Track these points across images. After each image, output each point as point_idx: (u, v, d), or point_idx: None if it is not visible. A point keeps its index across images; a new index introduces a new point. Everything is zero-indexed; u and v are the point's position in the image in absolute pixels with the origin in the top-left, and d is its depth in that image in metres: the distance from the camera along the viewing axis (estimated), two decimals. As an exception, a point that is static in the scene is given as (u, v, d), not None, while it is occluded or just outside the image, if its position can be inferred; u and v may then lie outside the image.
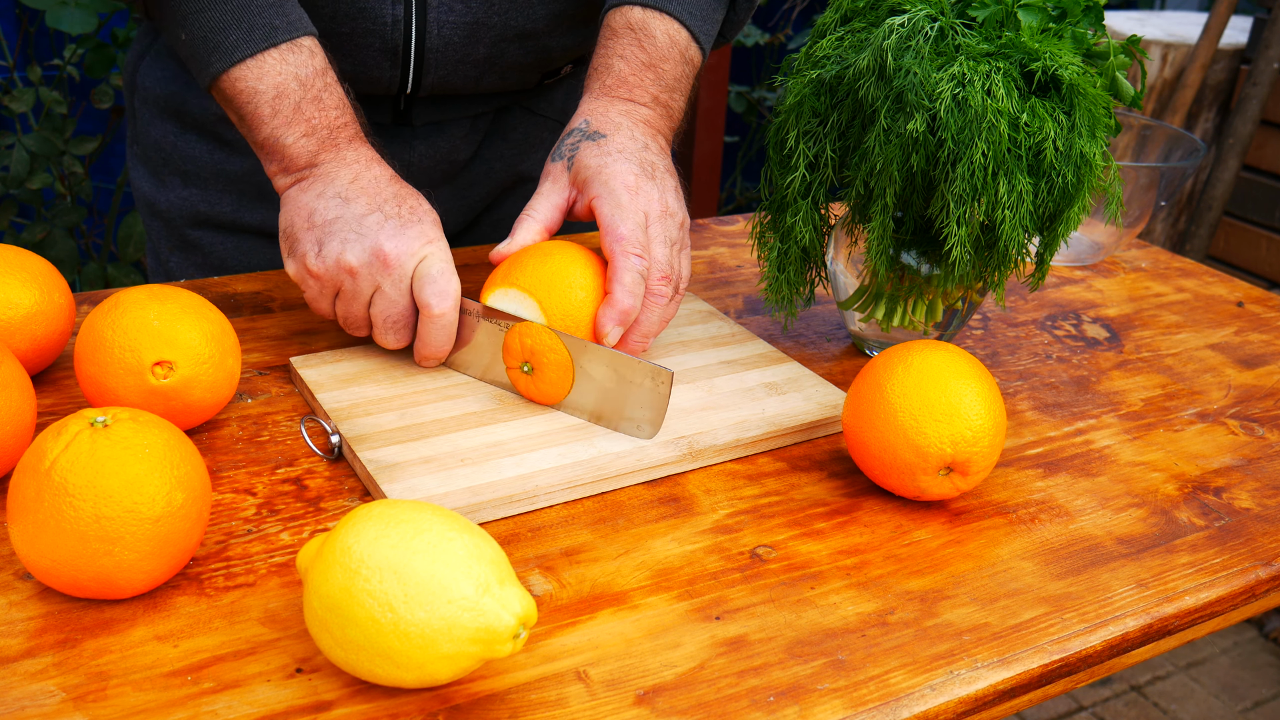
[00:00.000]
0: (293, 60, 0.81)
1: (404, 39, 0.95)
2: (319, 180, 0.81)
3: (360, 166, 0.82)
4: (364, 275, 0.78)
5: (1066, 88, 0.77)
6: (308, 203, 0.80)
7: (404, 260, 0.77)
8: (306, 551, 0.57)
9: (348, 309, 0.80)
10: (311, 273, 0.79)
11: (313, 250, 0.79)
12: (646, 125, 0.87)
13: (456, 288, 0.78)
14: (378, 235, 0.77)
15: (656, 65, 0.89)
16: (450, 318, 0.79)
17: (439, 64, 0.97)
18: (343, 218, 0.79)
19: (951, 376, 0.70)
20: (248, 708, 0.54)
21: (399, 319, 0.79)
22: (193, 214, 1.06)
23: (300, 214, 0.80)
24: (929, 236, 0.83)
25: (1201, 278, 1.15)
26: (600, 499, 0.72)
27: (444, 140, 1.06)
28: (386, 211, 0.79)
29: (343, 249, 0.78)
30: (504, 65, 1.01)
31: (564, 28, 1.01)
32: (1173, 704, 2.01)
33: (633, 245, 0.79)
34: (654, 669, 0.58)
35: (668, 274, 0.81)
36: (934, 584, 0.66)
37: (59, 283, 0.79)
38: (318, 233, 0.79)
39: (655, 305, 0.81)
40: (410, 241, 0.78)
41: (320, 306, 0.82)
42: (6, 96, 1.98)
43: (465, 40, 0.97)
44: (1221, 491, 0.78)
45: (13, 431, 0.66)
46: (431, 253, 0.78)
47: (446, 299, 0.78)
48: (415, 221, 0.79)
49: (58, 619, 0.59)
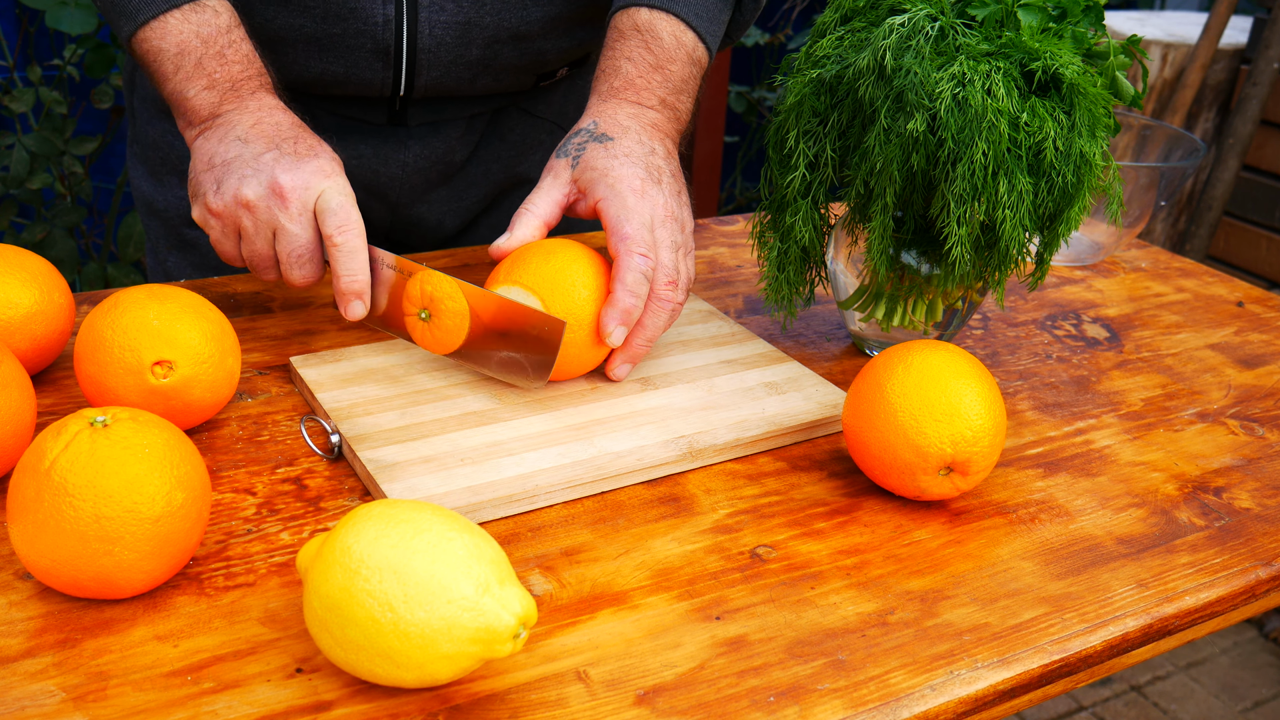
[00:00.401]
0: (195, 20, 0.84)
1: (395, 39, 0.95)
2: (220, 127, 0.83)
3: (263, 113, 0.83)
4: (262, 210, 0.79)
5: (1066, 87, 0.77)
6: (210, 148, 0.82)
7: (300, 193, 0.78)
8: (306, 551, 0.57)
9: (251, 248, 0.81)
10: (212, 211, 0.80)
11: (212, 189, 0.80)
12: (654, 129, 0.88)
13: (359, 218, 0.79)
14: (274, 170, 0.78)
15: (664, 67, 0.89)
16: (354, 244, 0.79)
17: (431, 65, 0.97)
18: (240, 157, 0.80)
19: (951, 376, 0.70)
20: (248, 708, 0.54)
21: (304, 253, 0.79)
22: (189, 213, 1.06)
23: (202, 159, 0.82)
24: (929, 236, 0.83)
25: (1201, 278, 1.15)
26: (600, 499, 0.72)
27: (439, 141, 1.06)
28: (283, 149, 0.80)
29: (240, 185, 0.79)
30: (498, 67, 1.01)
31: (559, 30, 1.01)
32: (1173, 704, 2.01)
33: (638, 245, 0.79)
34: (654, 669, 0.58)
35: (674, 278, 0.81)
36: (934, 584, 0.66)
37: (59, 283, 0.79)
38: (216, 173, 0.80)
39: (660, 310, 0.81)
40: (307, 175, 0.79)
41: (225, 248, 0.82)
42: (6, 96, 1.98)
43: (457, 41, 0.97)
44: (1221, 491, 0.78)
45: (13, 431, 0.66)
46: (329, 186, 0.79)
47: (349, 228, 0.78)
48: (312, 157, 0.80)
49: (58, 619, 0.59)
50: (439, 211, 1.11)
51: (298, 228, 0.78)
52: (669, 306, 0.81)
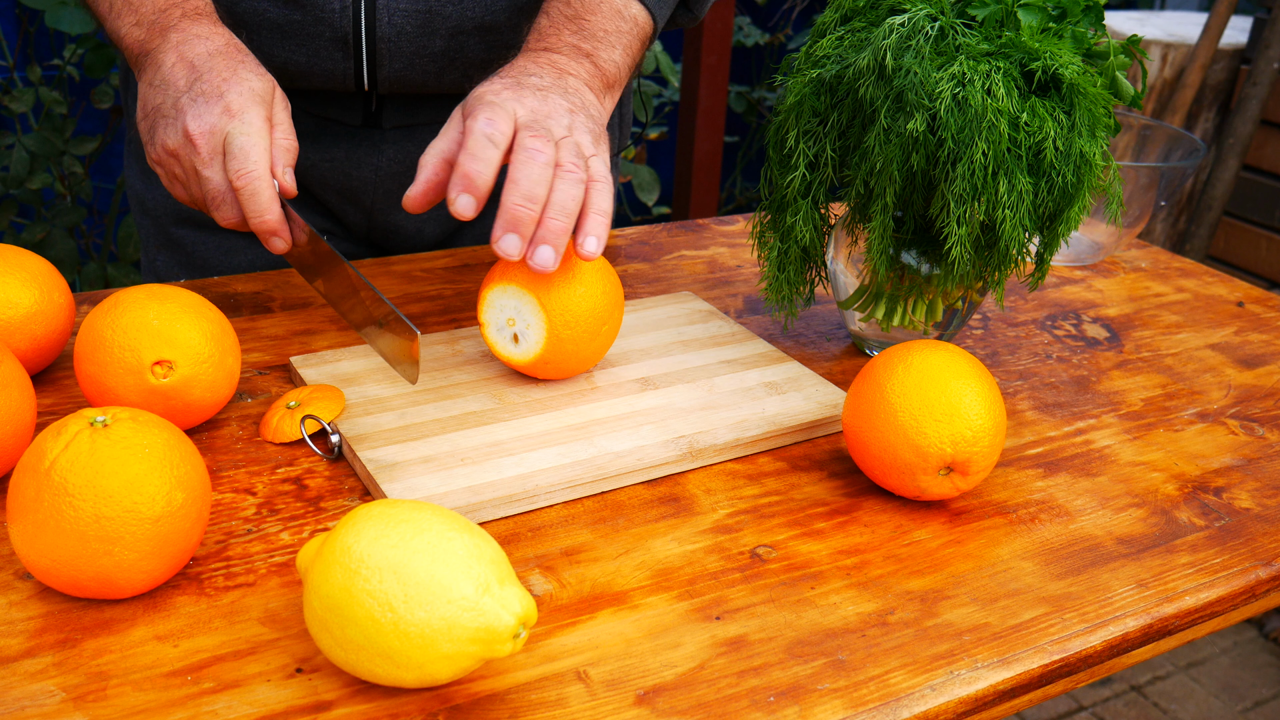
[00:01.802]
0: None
1: (354, 27, 0.95)
2: (149, 69, 0.83)
3: (184, 46, 0.82)
4: (184, 157, 0.80)
5: (1066, 87, 0.77)
6: (144, 94, 0.83)
7: (208, 139, 0.78)
8: (306, 551, 0.57)
9: (188, 192, 0.82)
10: (151, 159, 0.82)
11: (149, 139, 0.82)
12: (551, 66, 0.83)
13: (259, 156, 0.78)
14: (184, 117, 0.79)
15: (581, 17, 0.88)
16: (255, 187, 0.78)
17: (393, 55, 0.96)
18: (163, 104, 0.81)
19: (951, 376, 0.70)
20: (248, 708, 0.54)
21: (219, 195, 0.80)
22: (177, 211, 1.07)
23: (142, 105, 0.83)
24: (929, 236, 0.83)
25: (1201, 278, 1.15)
26: (600, 499, 0.72)
27: (414, 145, 1.05)
28: (194, 90, 0.80)
29: (165, 134, 0.80)
30: (465, 61, 0.99)
31: (527, 23, 1.01)
32: (1173, 704, 2.01)
33: (480, 108, 0.74)
34: (654, 669, 0.58)
35: (540, 134, 0.73)
36: (934, 584, 0.66)
37: (59, 283, 0.79)
38: (149, 120, 0.82)
39: (529, 161, 0.72)
40: (214, 119, 0.78)
41: (175, 191, 0.84)
42: (6, 96, 1.98)
43: (419, 30, 0.96)
44: (1221, 491, 0.78)
45: (13, 431, 0.66)
46: (233, 127, 0.78)
47: (244, 172, 0.78)
48: (218, 97, 0.79)
49: (58, 619, 0.59)
50: (417, 219, 1.10)
51: (210, 171, 0.79)
52: (539, 158, 0.72)
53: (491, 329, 0.81)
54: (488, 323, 0.81)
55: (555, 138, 0.75)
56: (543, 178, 0.72)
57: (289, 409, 0.75)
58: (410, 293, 0.98)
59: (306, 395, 0.76)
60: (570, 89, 0.82)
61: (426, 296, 0.97)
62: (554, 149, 0.74)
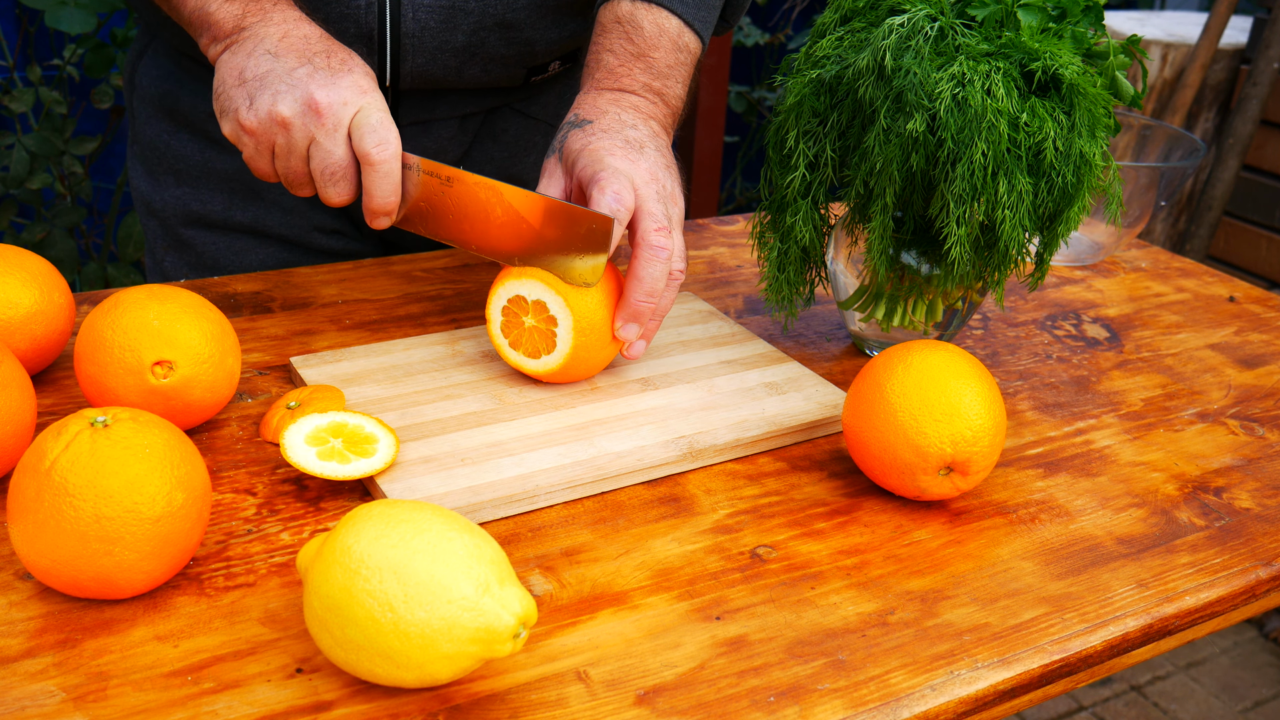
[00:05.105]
0: None
1: (379, 23, 0.95)
2: (248, 40, 0.82)
3: (289, 25, 0.82)
4: (298, 126, 0.78)
5: (1066, 88, 0.77)
6: (239, 62, 0.81)
7: (337, 109, 0.77)
8: (306, 551, 0.57)
9: (286, 164, 0.80)
10: (245, 128, 0.79)
11: (244, 105, 0.79)
12: (635, 110, 0.87)
13: (396, 136, 0.78)
14: (309, 85, 0.78)
15: (646, 55, 0.89)
16: (392, 166, 0.78)
17: (416, 50, 0.97)
18: (273, 71, 0.79)
19: (951, 376, 0.70)
20: (248, 708, 0.54)
21: (338, 170, 0.79)
22: (185, 213, 1.06)
23: (231, 74, 0.81)
24: (929, 236, 0.83)
25: (1201, 278, 1.15)
26: (600, 499, 0.72)
27: (430, 140, 1.05)
28: (316, 64, 0.79)
29: (274, 101, 0.78)
30: (485, 56, 1.00)
31: (547, 19, 1.01)
32: (1173, 704, 2.01)
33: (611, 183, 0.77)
34: (654, 669, 0.58)
35: (664, 225, 0.79)
36: (934, 584, 0.66)
37: (59, 283, 0.79)
38: (249, 88, 0.79)
39: (654, 258, 0.78)
40: (343, 91, 0.78)
41: (258, 165, 0.82)
42: (6, 96, 1.98)
43: (442, 26, 0.96)
44: (1221, 491, 0.78)
45: (13, 431, 0.66)
46: (367, 103, 0.78)
47: (387, 147, 0.78)
48: (347, 72, 0.79)
49: (58, 619, 0.59)
50: None
51: (333, 144, 0.78)
52: (663, 255, 0.79)
53: (498, 323, 0.80)
54: (495, 318, 0.80)
55: (670, 221, 0.80)
56: (663, 275, 0.79)
57: (289, 409, 0.75)
58: (410, 293, 0.98)
59: (306, 395, 0.76)
60: (656, 133, 0.86)
61: (426, 296, 0.97)
62: (671, 241, 0.79)
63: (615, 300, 0.80)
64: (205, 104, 1.02)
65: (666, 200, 0.81)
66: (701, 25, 0.93)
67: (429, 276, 1.01)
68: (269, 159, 0.81)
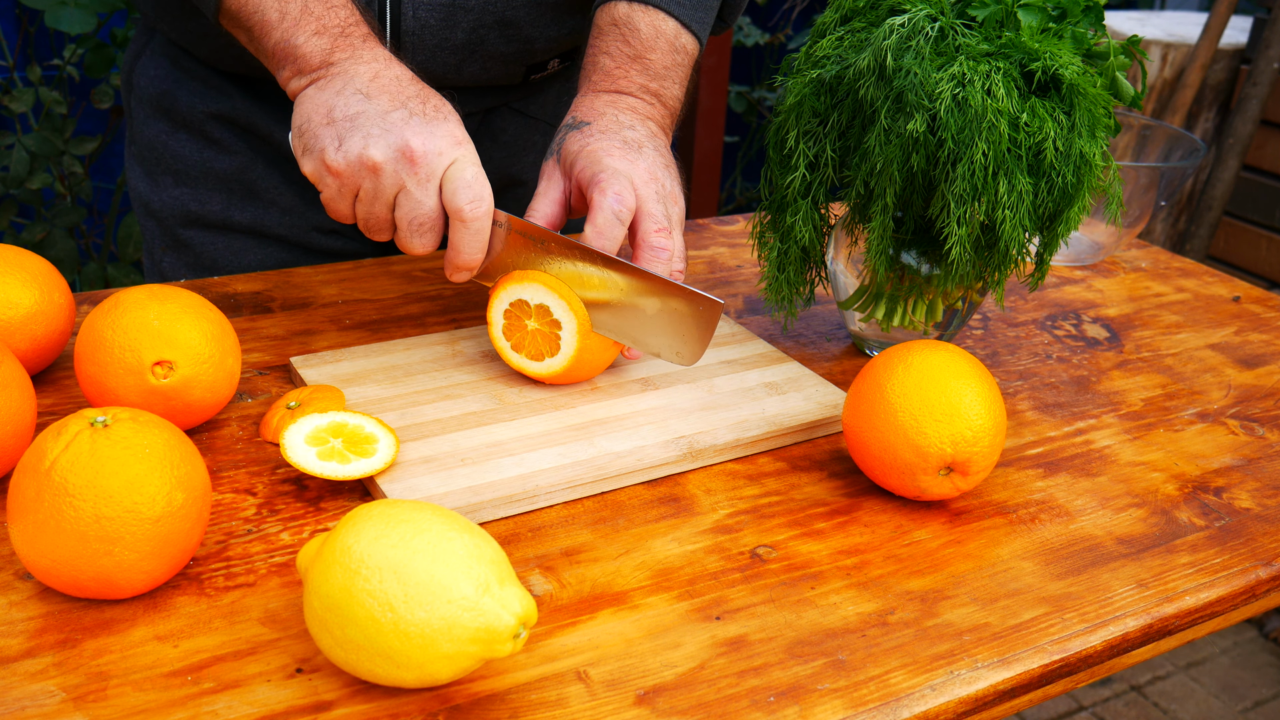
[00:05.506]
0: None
1: (379, 20, 0.95)
2: (337, 78, 0.79)
3: (380, 65, 0.80)
4: (388, 173, 0.75)
5: (1066, 88, 0.77)
6: (326, 100, 0.78)
7: (432, 159, 0.75)
8: (306, 551, 0.57)
9: (369, 210, 0.77)
10: (331, 169, 0.76)
11: (333, 145, 0.76)
12: (633, 112, 0.87)
13: (490, 193, 0.76)
14: (404, 131, 0.75)
15: (643, 56, 0.89)
16: (485, 224, 0.76)
17: (416, 48, 0.97)
18: (365, 113, 0.76)
19: (951, 376, 0.70)
20: (248, 708, 0.54)
21: (426, 222, 0.77)
22: (184, 213, 1.06)
23: (319, 111, 0.78)
24: (929, 236, 0.83)
25: (1201, 278, 1.15)
26: (600, 499, 0.72)
27: None
28: (411, 109, 0.77)
29: (366, 144, 0.75)
30: (485, 53, 1.00)
31: (546, 17, 1.01)
32: (1173, 704, 2.01)
33: (611, 184, 0.77)
34: (654, 669, 0.58)
35: (664, 226, 0.79)
36: (934, 584, 0.66)
37: (59, 283, 0.79)
38: (338, 128, 0.76)
39: (655, 260, 0.78)
40: (439, 140, 0.76)
41: (338, 208, 0.79)
42: (6, 96, 1.98)
43: (442, 23, 0.96)
44: (1221, 491, 0.78)
45: (13, 431, 0.66)
46: (462, 155, 0.76)
47: (481, 204, 0.76)
48: (442, 120, 0.77)
49: (58, 619, 0.59)
50: None
51: (424, 195, 0.76)
52: (663, 255, 0.78)
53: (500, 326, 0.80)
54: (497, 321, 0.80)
55: (670, 222, 0.80)
56: (663, 275, 0.79)
57: (289, 409, 0.75)
58: (410, 293, 0.98)
59: (306, 395, 0.76)
60: (654, 133, 0.86)
61: (426, 296, 0.97)
62: (672, 242, 0.79)
63: None
64: (204, 104, 1.02)
65: (666, 200, 0.81)
66: (699, 26, 0.93)
67: (429, 276, 1.01)
68: (351, 202, 0.78)
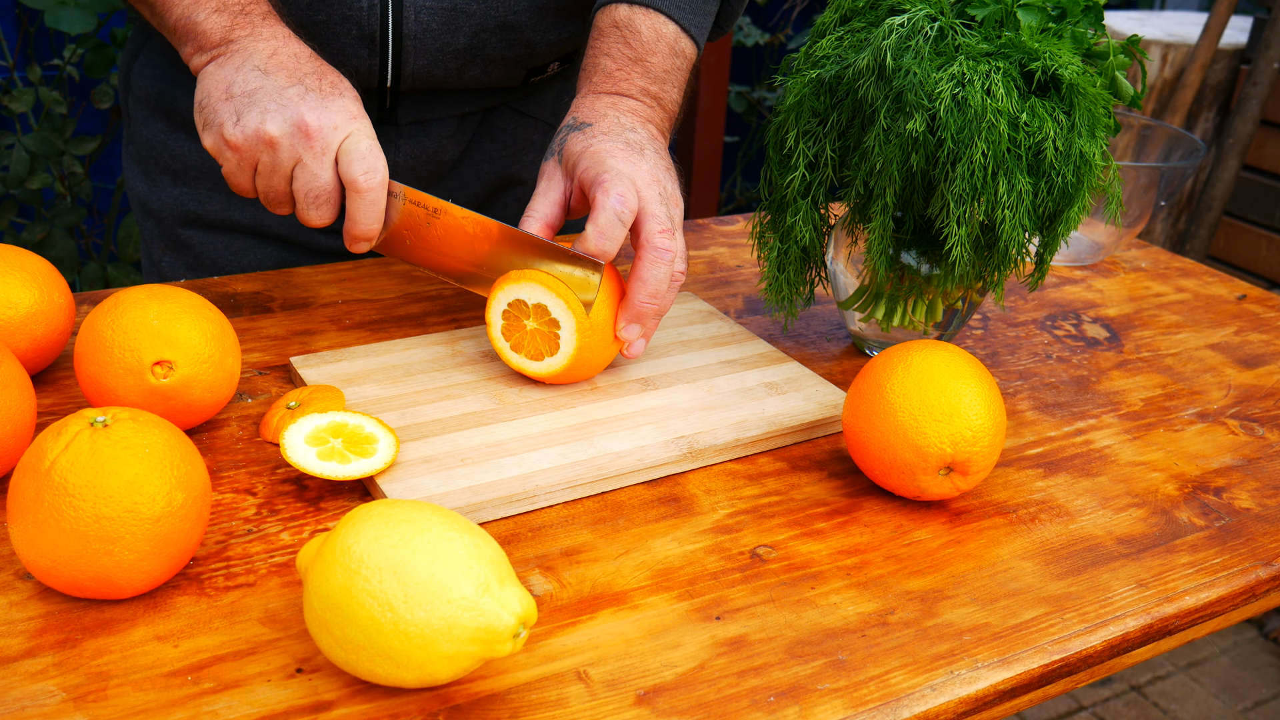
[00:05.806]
0: None
1: (381, 25, 0.95)
2: (236, 55, 0.81)
3: (278, 42, 0.82)
4: (285, 147, 0.77)
5: (1066, 88, 0.77)
6: (225, 76, 0.80)
7: (327, 134, 0.77)
8: (306, 551, 0.57)
9: (268, 183, 0.80)
10: (229, 143, 0.79)
11: (231, 120, 0.78)
12: (633, 114, 0.87)
13: (384, 164, 0.78)
14: (299, 107, 0.77)
15: (643, 60, 0.89)
16: (379, 194, 0.78)
17: (418, 52, 0.97)
18: (263, 89, 0.78)
19: (951, 376, 0.70)
20: (248, 708, 0.54)
21: (322, 194, 0.79)
22: (183, 213, 1.06)
23: (217, 86, 0.80)
24: (929, 236, 0.83)
25: (1201, 278, 1.15)
26: (600, 499, 0.72)
27: (429, 140, 1.05)
28: (308, 84, 0.79)
29: (262, 119, 0.77)
30: (486, 58, 1.00)
31: (547, 21, 1.01)
32: (1173, 704, 2.01)
33: (615, 185, 0.77)
34: (654, 669, 0.58)
35: (667, 227, 0.79)
36: (934, 584, 0.66)
37: (59, 283, 0.79)
38: (236, 103, 0.79)
39: (658, 260, 0.79)
40: (334, 115, 0.78)
41: (238, 181, 0.81)
42: (6, 96, 1.98)
43: (444, 28, 0.96)
44: (1221, 491, 0.78)
45: (13, 431, 0.66)
46: (357, 129, 0.78)
47: (375, 174, 0.78)
48: (338, 96, 0.79)
49: (58, 619, 0.59)
50: None
51: (319, 168, 0.78)
52: (666, 256, 0.79)
53: (499, 327, 0.80)
54: (496, 322, 0.80)
55: (673, 223, 0.80)
56: (666, 276, 0.79)
57: (289, 409, 0.75)
58: (410, 293, 0.98)
59: (306, 395, 0.76)
60: (654, 136, 0.86)
61: (426, 296, 0.97)
62: (674, 243, 0.79)
63: (617, 301, 0.80)
64: None
65: (668, 202, 0.81)
66: (698, 31, 0.93)
67: (429, 276, 1.01)
68: (250, 176, 0.81)
